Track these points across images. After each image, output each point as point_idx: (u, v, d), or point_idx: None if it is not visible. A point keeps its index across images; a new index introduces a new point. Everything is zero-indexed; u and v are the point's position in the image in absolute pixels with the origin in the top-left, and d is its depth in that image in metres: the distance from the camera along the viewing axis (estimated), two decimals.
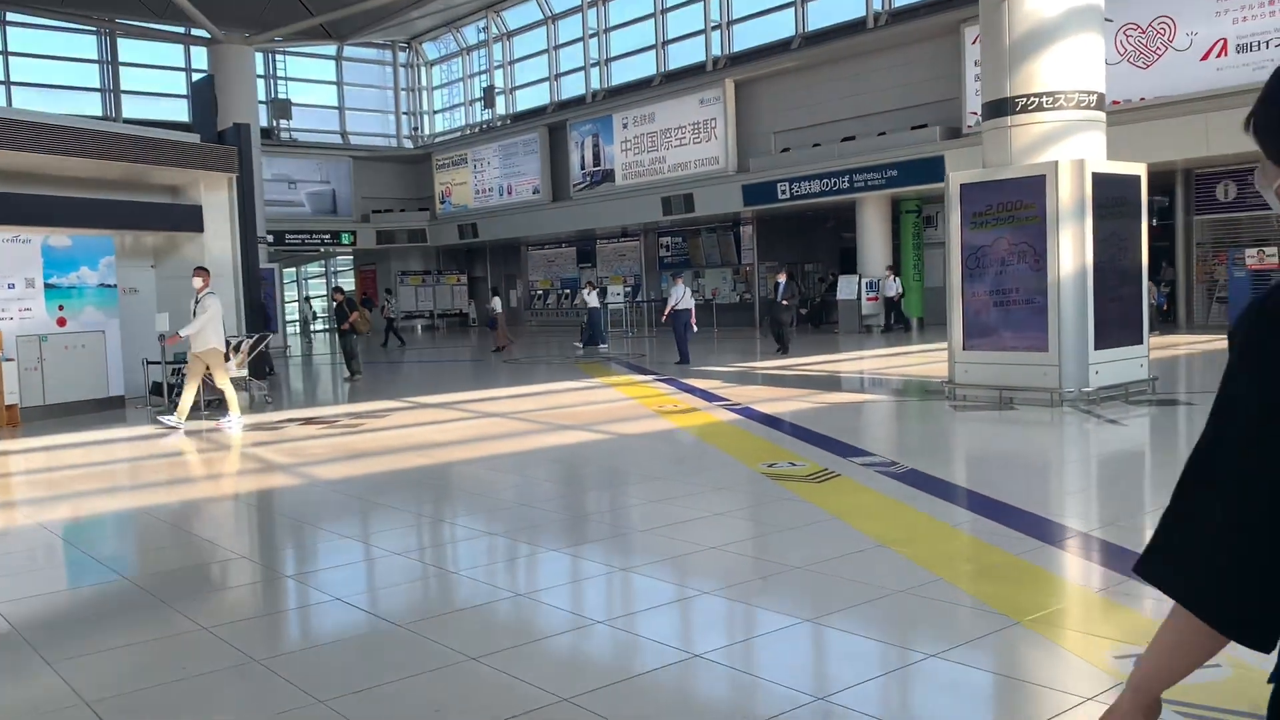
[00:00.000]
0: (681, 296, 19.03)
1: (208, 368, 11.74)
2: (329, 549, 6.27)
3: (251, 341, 14.34)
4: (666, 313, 19.31)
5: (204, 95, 17.07)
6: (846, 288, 25.17)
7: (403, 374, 20.46)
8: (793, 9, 26.74)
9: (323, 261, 46.16)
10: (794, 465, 7.94)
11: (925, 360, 17.30)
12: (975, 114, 21.94)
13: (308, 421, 12.09)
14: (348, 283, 44.45)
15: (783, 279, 19.65)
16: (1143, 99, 19.43)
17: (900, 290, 24.65)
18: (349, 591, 5.17)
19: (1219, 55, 18.57)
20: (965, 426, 9.99)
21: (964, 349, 11.36)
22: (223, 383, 11.75)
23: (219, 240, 15.66)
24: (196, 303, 11.85)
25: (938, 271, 26.18)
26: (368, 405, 13.62)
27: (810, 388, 14.25)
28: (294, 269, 46.94)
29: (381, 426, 11.39)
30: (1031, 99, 10.89)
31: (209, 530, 7.02)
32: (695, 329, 19.16)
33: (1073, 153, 10.71)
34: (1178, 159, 19.14)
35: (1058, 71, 10.81)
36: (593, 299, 23.72)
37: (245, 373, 13.82)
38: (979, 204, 11.17)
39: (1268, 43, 18.06)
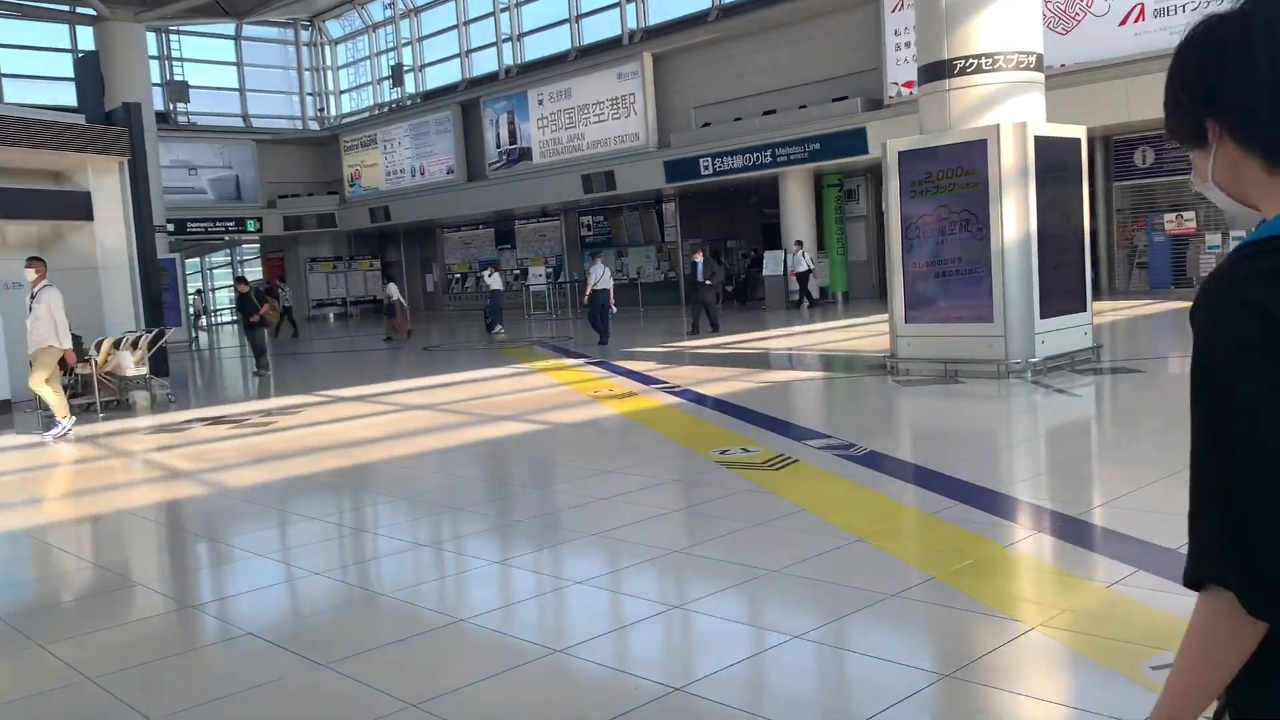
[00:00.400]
0: (600, 276, 18.51)
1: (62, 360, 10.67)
2: (239, 571, 5.54)
3: (150, 337, 13.33)
4: (587, 294, 18.73)
5: (89, 74, 15.85)
6: (772, 263, 24.81)
7: (316, 366, 19.48)
8: None
9: (228, 250, 44.45)
10: (748, 451, 7.42)
11: (858, 335, 16.99)
12: (896, 84, 21.72)
13: (214, 421, 11.21)
14: (254, 272, 42.92)
15: (699, 258, 19.05)
16: (1063, 65, 19.32)
17: (809, 265, 24.15)
18: (263, 623, 4.49)
19: (1137, 20, 18.55)
20: (916, 403, 9.59)
21: (906, 322, 10.98)
22: (40, 387, 10.49)
23: (110, 229, 14.57)
24: (32, 298, 10.53)
25: (860, 245, 26.05)
26: (279, 401, 12.77)
27: (747, 366, 13.79)
28: (198, 259, 45.16)
29: (295, 424, 10.59)
30: (970, 60, 10.50)
31: (96, 551, 6.23)
32: (614, 309, 18.77)
33: (1013, 116, 10.36)
34: (1097, 125, 19.08)
35: (996, 32, 10.44)
36: (495, 281, 22.90)
37: (145, 370, 12.83)
38: (918, 172, 10.76)
39: (1184, 7, 18.07)
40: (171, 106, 34.83)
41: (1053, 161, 10.42)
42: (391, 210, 34.34)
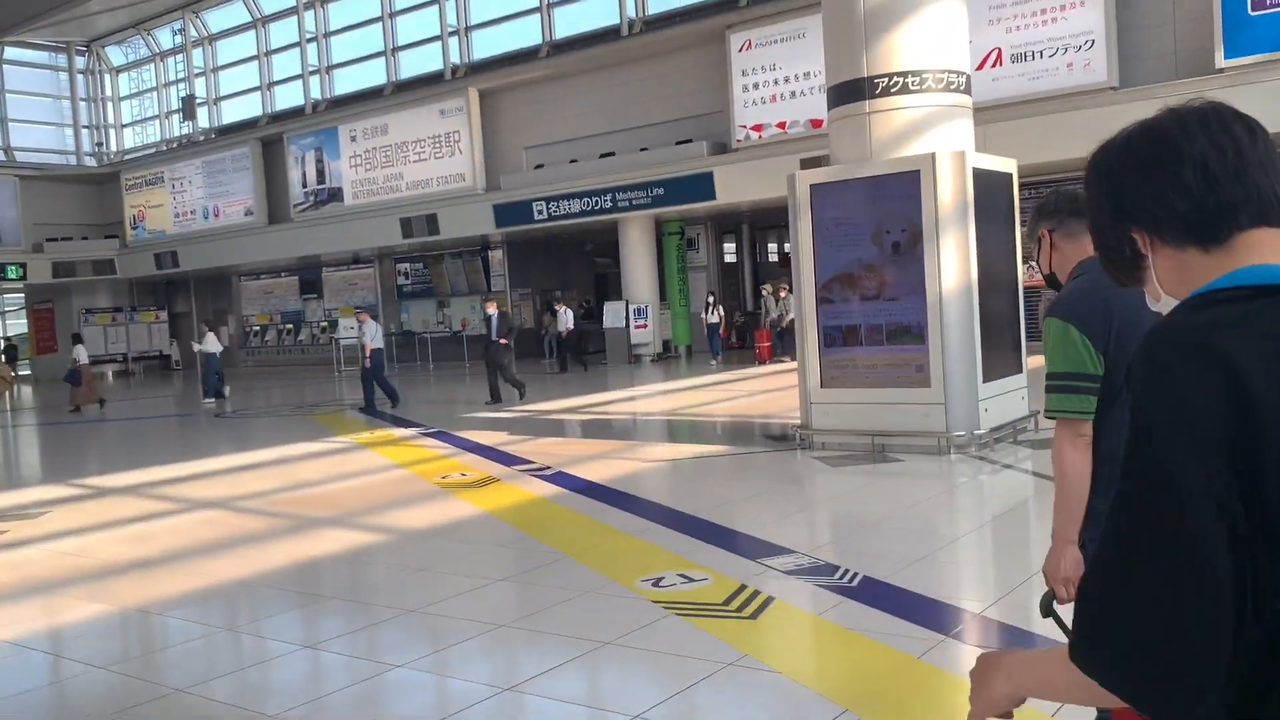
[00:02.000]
0: (374, 335, 16.17)
1: None
2: None
3: None
4: (367, 354, 16.02)
5: None
6: (613, 315, 22.85)
7: (81, 440, 15.99)
8: (538, 15, 24.27)
9: None
10: (691, 581, 5.24)
11: (722, 396, 15.18)
12: (745, 127, 20.34)
13: None
14: (17, 325, 37.68)
15: (493, 310, 16.11)
16: None
17: (570, 326, 22.19)
18: None
19: (994, 65, 17.77)
20: (866, 490, 7.65)
21: (821, 387, 9.12)
22: None
23: None
24: None
25: (702, 296, 24.48)
26: (14, 498, 9.63)
27: (618, 438, 11.64)
28: None
29: (29, 537, 7.64)
30: (895, 79, 8.84)
31: None
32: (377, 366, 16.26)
33: (945, 144, 8.75)
34: None
35: (923, 47, 8.83)
36: (211, 343, 19.75)
37: None
38: (834, 208, 8.98)
39: (1041, 53, 17.42)
40: None
41: (986, 199, 8.86)
42: (180, 256, 30.45)
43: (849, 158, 9.12)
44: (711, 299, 21.79)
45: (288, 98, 29.60)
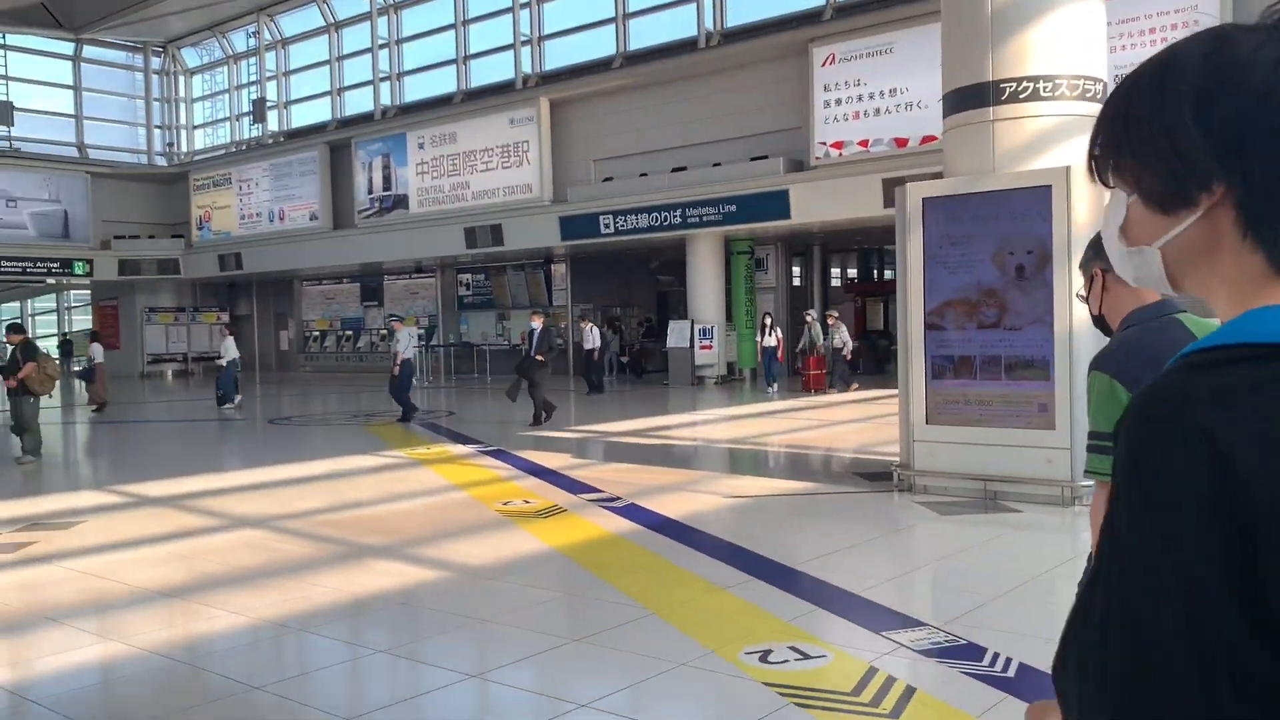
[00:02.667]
0: (407, 344, 15.66)
1: None
2: None
3: None
4: (397, 364, 15.45)
5: None
6: (678, 335, 21.98)
7: (125, 445, 15.46)
8: (612, 25, 23.60)
9: (56, 295, 39.17)
10: (806, 657, 4.33)
11: (797, 425, 14.22)
12: (825, 144, 19.38)
13: None
14: (83, 320, 37.80)
15: (537, 324, 15.32)
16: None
17: (596, 344, 21.11)
18: None
19: None
20: (985, 547, 6.66)
21: (927, 423, 8.15)
22: None
23: None
24: None
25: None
26: (52, 504, 8.97)
27: (692, 467, 10.74)
28: (16, 303, 39.72)
29: (55, 552, 6.93)
30: (1024, 84, 7.88)
31: None
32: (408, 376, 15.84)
33: (1077, 157, 7.75)
34: None
35: (1057, 49, 7.87)
36: (231, 349, 19.18)
37: None
38: (950, 225, 8.03)
39: None
40: None
41: None
42: (244, 258, 30.19)
43: (967, 170, 8.17)
44: (768, 321, 20.19)
45: (357, 103, 29.27)
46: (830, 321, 19.80)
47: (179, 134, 34.58)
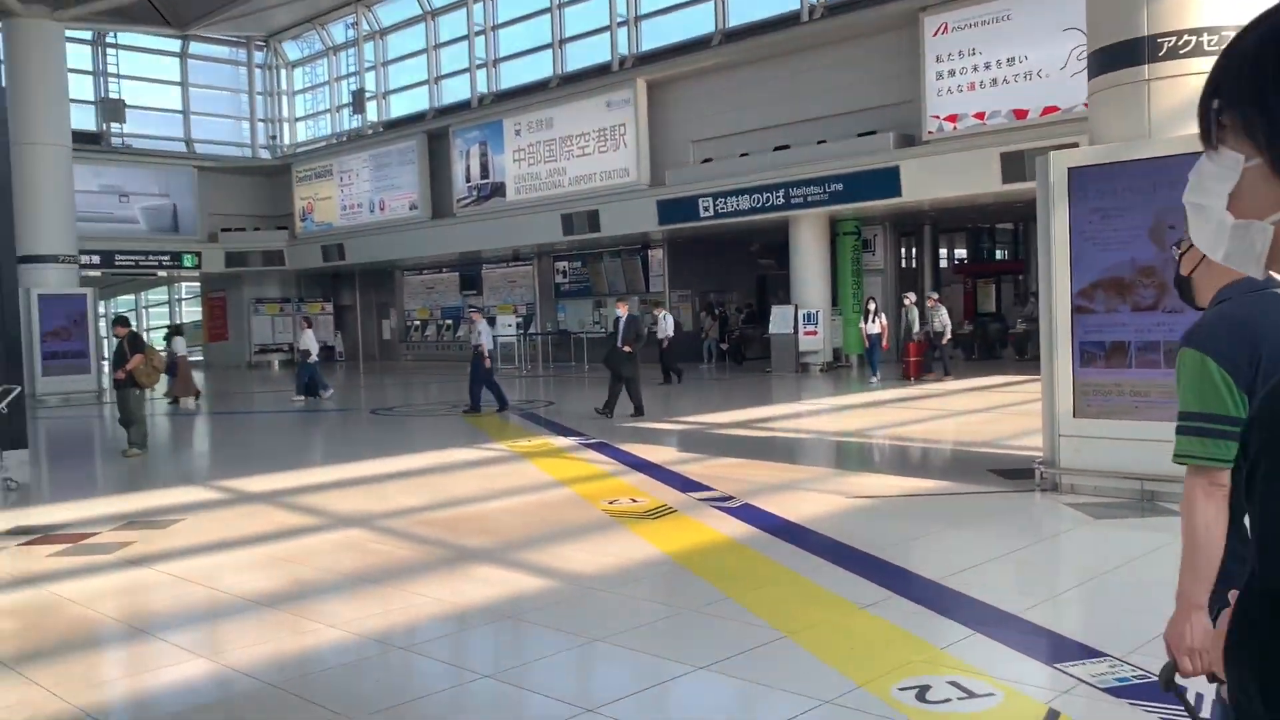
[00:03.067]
0: (487, 336, 15.33)
1: None
2: None
3: None
4: (485, 357, 15.24)
5: None
6: (781, 320, 21.27)
7: (226, 435, 15.51)
8: (710, 3, 22.92)
9: (168, 287, 40.29)
10: (971, 695, 3.73)
11: (913, 416, 13.45)
12: (938, 118, 18.42)
13: (37, 538, 7.29)
14: (193, 312, 38.77)
15: (623, 311, 14.48)
16: None
17: (670, 332, 20.09)
18: None
19: None
20: (1150, 558, 5.91)
21: (1075, 416, 7.39)
22: None
23: None
24: None
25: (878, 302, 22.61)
26: (151, 499, 8.83)
27: (807, 463, 10.14)
28: (130, 296, 40.97)
29: (152, 552, 6.70)
30: (1185, 38, 7.05)
31: None
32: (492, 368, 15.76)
33: None
34: None
35: None
36: (308, 341, 18.64)
37: None
38: (1100, 198, 7.24)
39: None
40: (105, 126, 30.88)
41: None
42: (346, 249, 30.46)
43: (1118, 136, 7.36)
44: (873, 306, 18.99)
45: (455, 91, 29.20)
46: (929, 304, 18.81)
47: (281, 127, 35.10)
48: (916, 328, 18.44)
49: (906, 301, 18.97)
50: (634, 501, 7.78)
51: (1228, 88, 0.78)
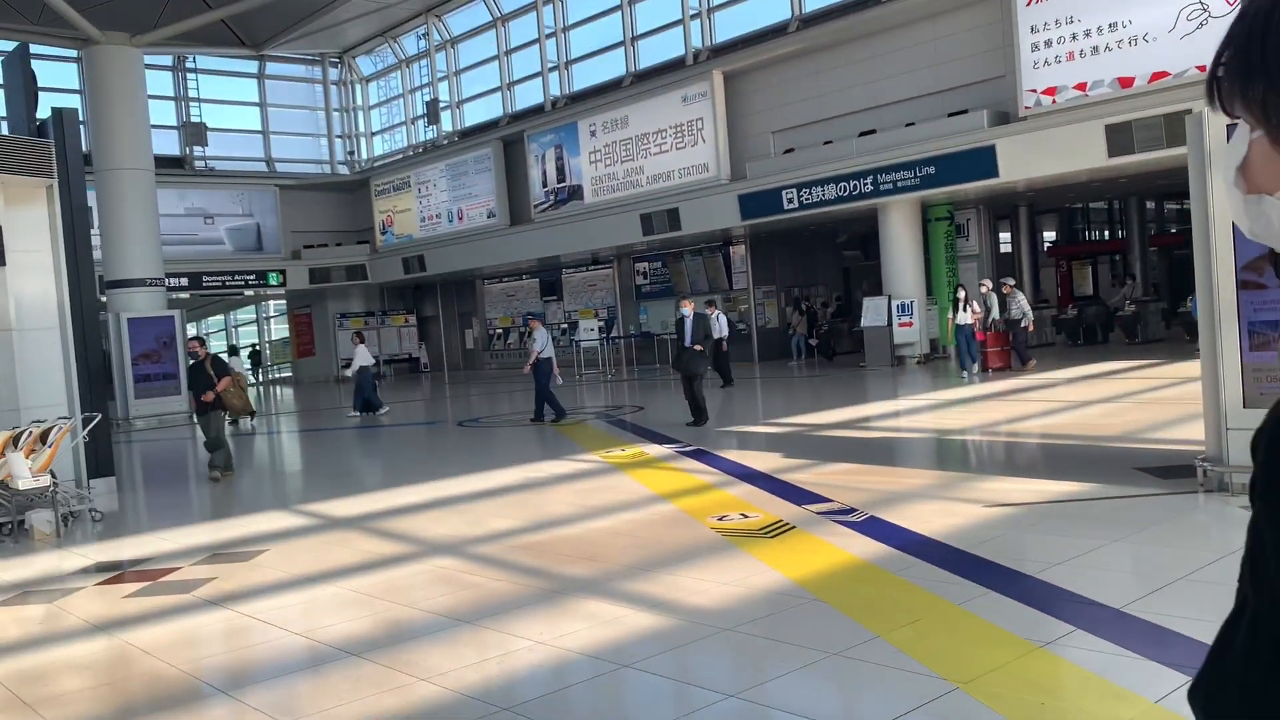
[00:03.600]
0: (545, 344, 14.70)
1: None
2: None
3: (65, 429, 9.11)
4: (530, 363, 14.81)
5: (14, 75, 11.76)
6: (874, 313, 20.34)
7: (310, 453, 15.21)
8: None
9: (255, 306, 40.74)
10: None
11: (1028, 410, 12.48)
12: (1035, 91, 17.32)
13: (115, 576, 6.89)
14: (281, 329, 39.13)
15: (689, 310, 13.44)
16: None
17: (724, 331, 18.76)
18: None
19: None
20: None
21: (1244, 406, 6.48)
22: None
23: (32, 277, 10.43)
24: None
25: (972, 289, 21.53)
26: (236, 529, 8.41)
27: (928, 466, 9.32)
28: (221, 316, 41.56)
29: (235, 590, 6.22)
30: None
31: None
32: (560, 380, 15.61)
33: None
34: None
35: None
36: (363, 355, 18.29)
37: (47, 480, 8.53)
38: None
39: None
40: (188, 150, 31.23)
41: None
42: (427, 260, 30.29)
43: None
44: (963, 294, 17.37)
45: (528, 97, 28.81)
46: (1005, 290, 17.58)
47: (358, 142, 35.17)
48: (996, 315, 17.30)
49: (984, 289, 17.78)
50: (745, 517, 7.08)
51: (1229, 54, 0.73)
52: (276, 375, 38.21)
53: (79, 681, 4.73)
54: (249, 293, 33.70)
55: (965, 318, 17.14)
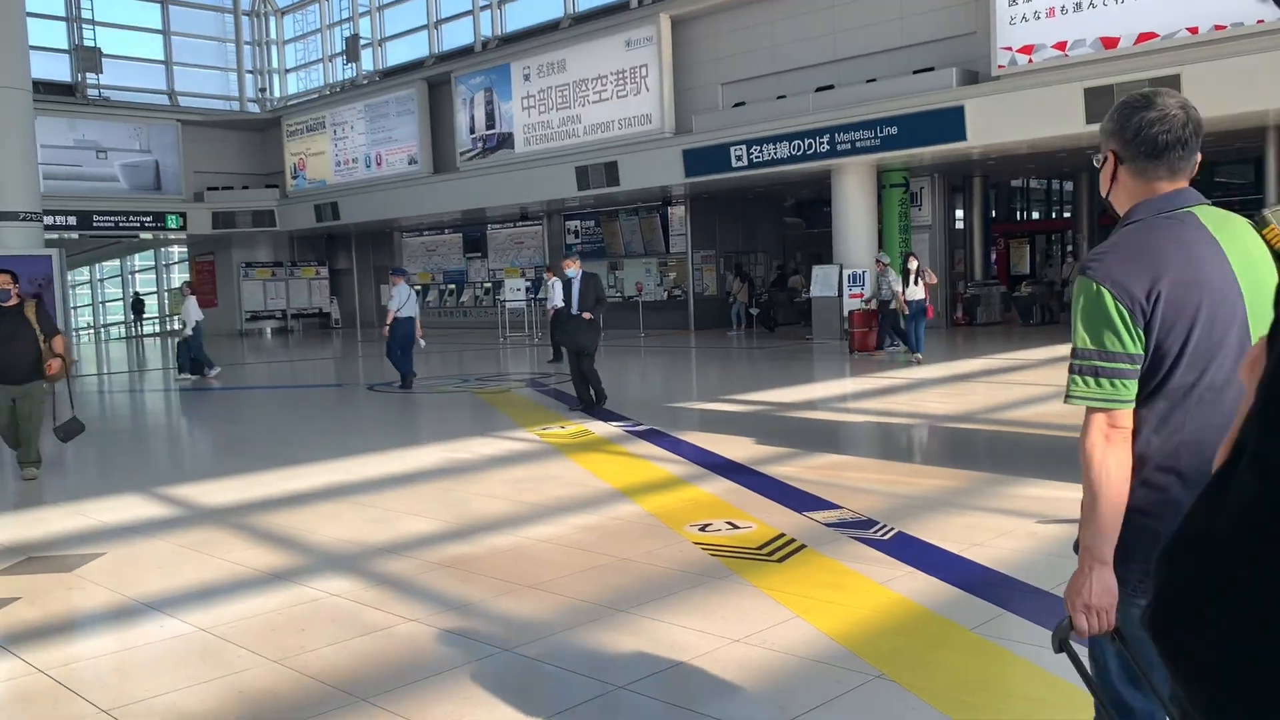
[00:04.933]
0: (405, 301, 12.85)
1: None
2: None
3: None
4: (387, 322, 13.03)
5: None
6: (823, 281, 18.89)
7: (197, 416, 13.17)
8: None
9: (155, 252, 37.75)
10: None
11: (1013, 395, 11.18)
12: (1010, 49, 15.94)
13: None
14: (182, 275, 36.24)
15: (574, 270, 10.66)
16: (1260, 21, 13.71)
17: (558, 302, 13.55)
18: None
19: None
20: None
21: None
22: None
23: None
24: None
25: (924, 260, 20.24)
26: (69, 518, 6.48)
27: (941, 462, 7.84)
28: (116, 261, 38.44)
29: (40, 623, 4.37)
30: None
31: None
32: (422, 343, 13.54)
33: None
34: None
35: None
36: (194, 310, 16.09)
37: None
38: None
39: None
40: (80, 77, 28.25)
41: None
42: (341, 207, 27.96)
43: None
44: (914, 265, 14.78)
45: (457, 37, 26.60)
46: (911, 266, 14.82)
47: (271, 78, 32.46)
48: (893, 291, 14.95)
49: (880, 265, 15.72)
50: (735, 528, 5.46)
51: None
52: (174, 327, 35.41)
53: None
54: (146, 236, 30.91)
55: (917, 291, 14.68)
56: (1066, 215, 26.45)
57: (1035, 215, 28.91)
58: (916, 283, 14.65)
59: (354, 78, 29.09)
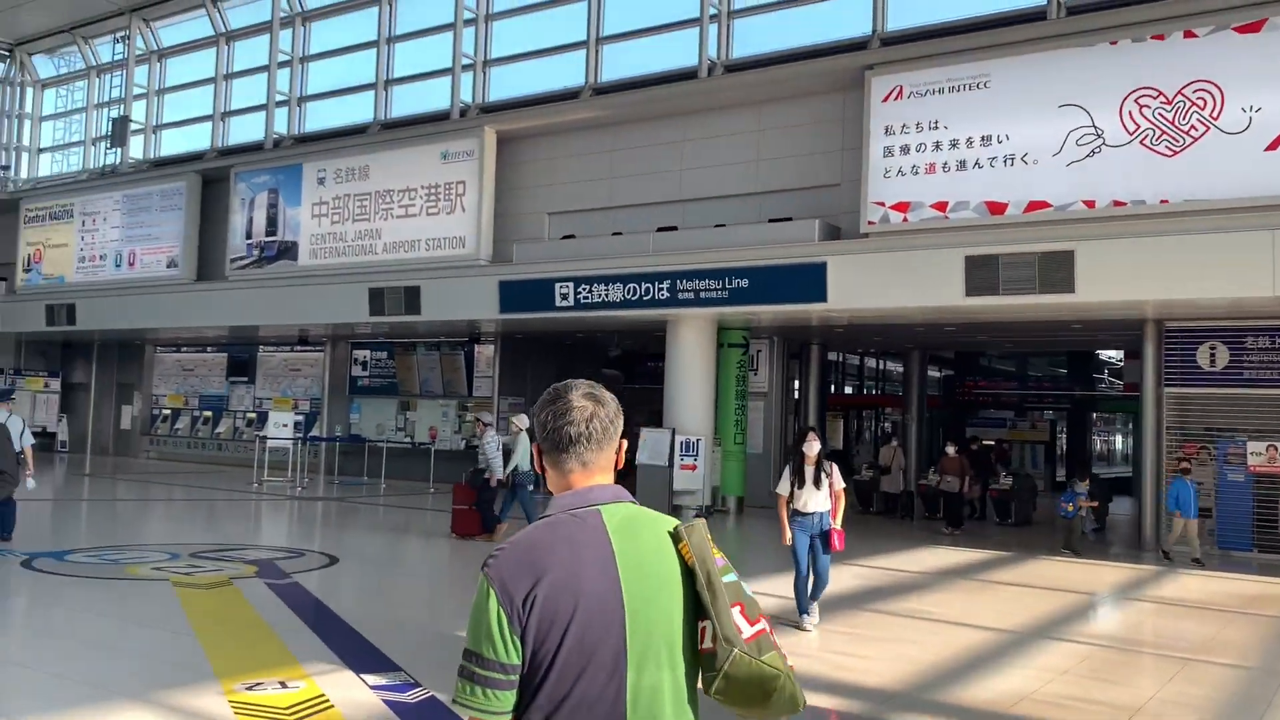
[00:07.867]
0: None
1: None
2: None
3: None
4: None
5: None
6: (653, 448, 15.68)
7: None
8: (583, 52, 17.84)
9: None
10: None
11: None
12: (883, 205, 13.73)
13: None
14: None
15: (523, 426, 10.15)
16: (1164, 201, 12.00)
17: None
18: None
19: None
20: None
21: None
22: None
23: None
24: None
25: (758, 433, 17.57)
26: None
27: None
28: None
29: None
30: None
31: None
32: (31, 483, 10.51)
33: None
34: (1234, 295, 11.68)
35: None
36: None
37: None
38: None
39: None
40: None
41: None
42: (79, 311, 22.76)
43: None
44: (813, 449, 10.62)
45: (246, 132, 22.65)
46: (514, 429, 12.20)
47: (18, 155, 27.14)
48: (514, 465, 11.80)
49: (515, 428, 12.19)
50: None
51: None
52: None
53: None
54: None
55: (820, 501, 7.88)
56: (898, 393, 24.78)
57: (855, 390, 27.29)
58: (818, 484, 7.70)
59: (117, 164, 24.38)
